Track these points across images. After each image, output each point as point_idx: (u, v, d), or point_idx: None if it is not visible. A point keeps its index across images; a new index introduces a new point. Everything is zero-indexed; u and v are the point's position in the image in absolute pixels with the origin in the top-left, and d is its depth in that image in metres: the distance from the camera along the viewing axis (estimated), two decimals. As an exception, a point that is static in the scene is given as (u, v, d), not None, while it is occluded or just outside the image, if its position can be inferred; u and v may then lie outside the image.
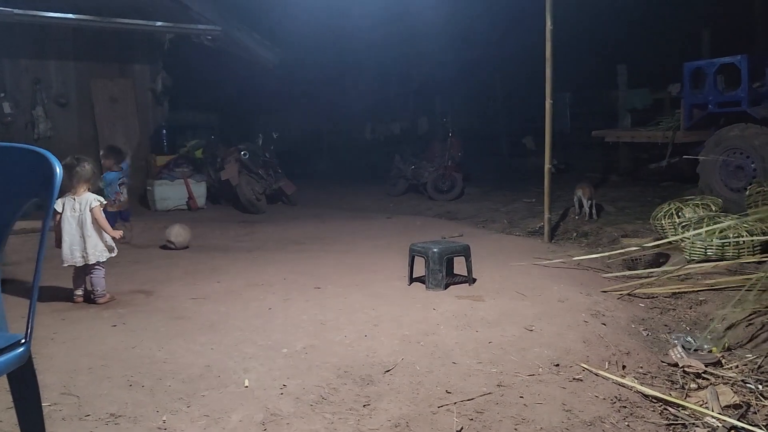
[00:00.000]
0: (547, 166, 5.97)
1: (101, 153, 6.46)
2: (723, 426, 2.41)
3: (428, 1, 10.78)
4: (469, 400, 2.53)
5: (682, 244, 4.91)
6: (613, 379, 2.78)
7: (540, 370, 2.85)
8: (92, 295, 4.01)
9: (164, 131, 9.39)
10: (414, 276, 4.33)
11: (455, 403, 2.50)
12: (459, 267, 4.36)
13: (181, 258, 5.46)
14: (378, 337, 3.23)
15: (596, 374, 2.83)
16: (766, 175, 6.20)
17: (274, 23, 10.87)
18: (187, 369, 2.82)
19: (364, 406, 2.49)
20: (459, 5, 11.31)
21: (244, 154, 8.57)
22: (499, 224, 6.92)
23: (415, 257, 4.30)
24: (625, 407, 2.56)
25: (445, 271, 4.17)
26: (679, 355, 3.09)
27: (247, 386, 2.65)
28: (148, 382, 2.68)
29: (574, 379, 2.78)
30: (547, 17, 5.68)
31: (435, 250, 4.15)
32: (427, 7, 10.91)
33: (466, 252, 4.27)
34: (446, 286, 4.16)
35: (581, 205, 6.79)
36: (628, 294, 4.17)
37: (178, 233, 5.85)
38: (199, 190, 8.63)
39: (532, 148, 11.42)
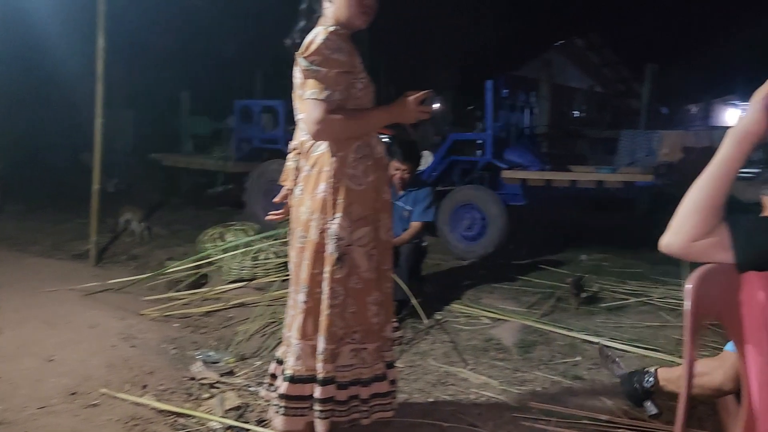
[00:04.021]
0: (95, 186, 5.82)
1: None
2: (222, 427, 2.76)
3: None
4: (-41, 446, 2.30)
5: (222, 266, 5.40)
6: (131, 400, 2.90)
7: (54, 401, 2.77)
8: None
9: None
10: None
11: (-60, 452, 2.25)
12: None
13: None
14: None
15: (115, 397, 2.90)
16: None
17: None
18: None
19: None
20: None
21: None
22: (42, 246, 6.37)
23: None
24: (138, 425, 2.70)
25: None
26: (198, 369, 3.39)
27: None
28: None
29: (90, 405, 2.79)
30: (99, 35, 5.57)
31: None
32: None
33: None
34: (-44, 320, 3.65)
35: (126, 228, 6.85)
36: (166, 315, 4.37)
37: None
38: None
39: (90, 165, 10.84)
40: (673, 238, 1.59)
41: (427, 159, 7.70)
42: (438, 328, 4.27)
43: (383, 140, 7.14)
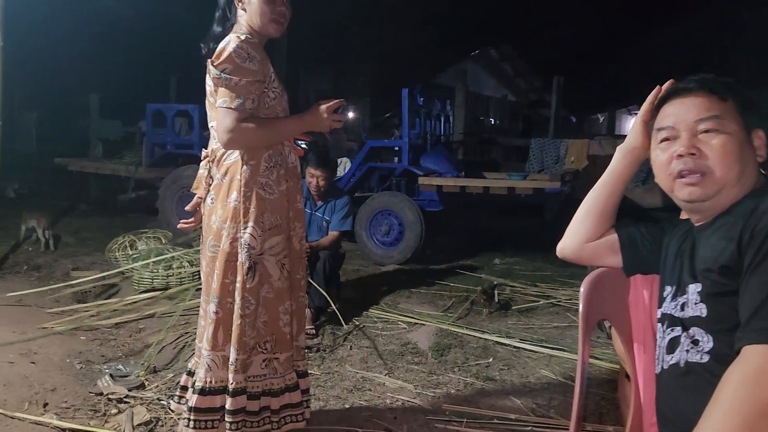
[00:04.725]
0: (-7, 193, 5.48)
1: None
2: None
3: None
4: None
5: (133, 276, 5.20)
6: (30, 419, 2.75)
7: (-57, 424, 2.59)
8: None
9: None
10: None
11: None
12: None
13: None
14: None
15: (12, 417, 2.74)
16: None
17: None
18: None
19: None
20: None
21: None
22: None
23: None
24: (36, 446, 2.57)
25: None
26: (105, 384, 3.26)
27: None
28: None
29: (-22, 427, 2.63)
30: (-3, 34, 5.27)
31: None
32: None
33: None
34: None
35: (29, 236, 6.50)
36: (72, 328, 4.16)
37: None
38: None
39: (-13, 169, 10.22)
40: (567, 241, 1.72)
41: (345, 165, 7.74)
42: (356, 333, 4.30)
43: (302, 146, 7.14)
